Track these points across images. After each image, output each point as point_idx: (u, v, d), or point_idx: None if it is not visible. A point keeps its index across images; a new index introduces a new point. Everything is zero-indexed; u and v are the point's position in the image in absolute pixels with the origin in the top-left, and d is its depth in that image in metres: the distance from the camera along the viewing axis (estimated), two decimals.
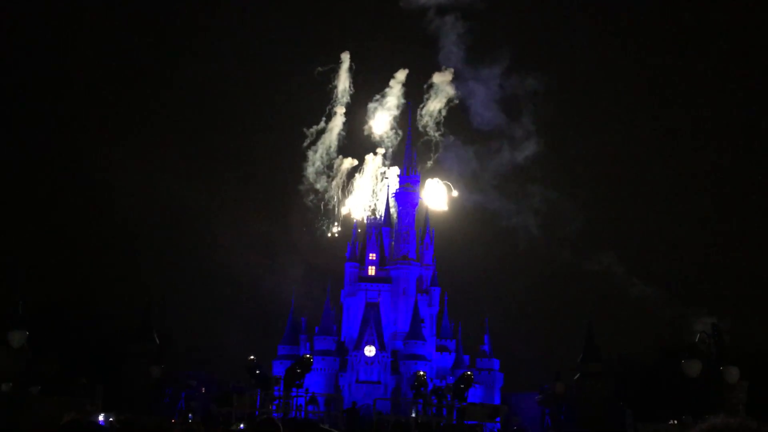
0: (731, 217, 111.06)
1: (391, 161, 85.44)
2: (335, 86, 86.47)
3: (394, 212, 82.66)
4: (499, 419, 44.39)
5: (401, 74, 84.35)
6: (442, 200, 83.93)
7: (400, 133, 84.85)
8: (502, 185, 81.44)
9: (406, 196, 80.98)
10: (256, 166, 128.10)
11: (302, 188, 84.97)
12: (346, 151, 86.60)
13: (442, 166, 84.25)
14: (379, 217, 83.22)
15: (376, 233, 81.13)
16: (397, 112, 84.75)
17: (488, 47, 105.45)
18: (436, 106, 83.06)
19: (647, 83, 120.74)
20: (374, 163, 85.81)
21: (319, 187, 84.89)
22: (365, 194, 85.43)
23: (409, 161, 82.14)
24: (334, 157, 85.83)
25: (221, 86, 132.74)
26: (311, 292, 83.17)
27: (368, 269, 79.67)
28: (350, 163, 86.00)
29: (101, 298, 59.22)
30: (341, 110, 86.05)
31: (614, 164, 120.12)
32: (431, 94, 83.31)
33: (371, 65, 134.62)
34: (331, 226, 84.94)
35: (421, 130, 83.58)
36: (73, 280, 60.93)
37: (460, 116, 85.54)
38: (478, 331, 78.35)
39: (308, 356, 44.70)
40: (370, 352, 71.72)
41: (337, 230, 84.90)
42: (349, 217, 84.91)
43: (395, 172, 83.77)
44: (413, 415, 46.05)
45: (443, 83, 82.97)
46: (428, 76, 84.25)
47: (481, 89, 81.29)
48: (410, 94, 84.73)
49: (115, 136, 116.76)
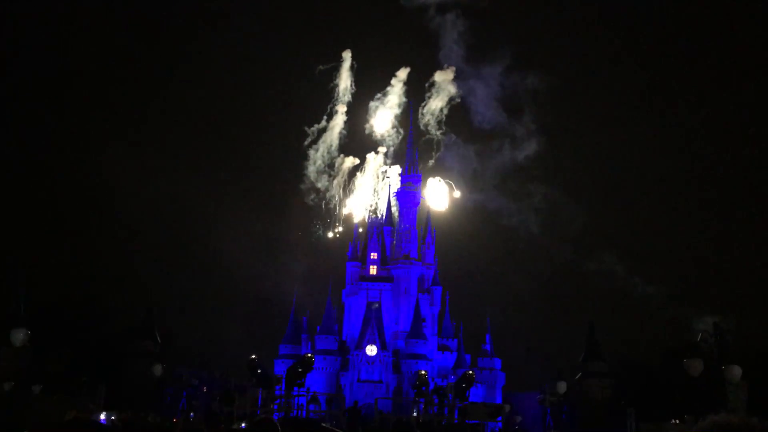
0: (733, 216, 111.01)
1: (392, 160, 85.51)
2: (337, 85, 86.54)
3: (395, 211, 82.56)
4: (500, 418, 44.35)
5: (403, 73, 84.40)
6: (443, 199, 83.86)
7: (401, 131, 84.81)
8: (503, 184, 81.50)
9: (407, 195, 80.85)
10: (257, 165, 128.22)
11: (303, 187, 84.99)
12: (347, 150, 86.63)
13: (443, 165, 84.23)
14: (380, 216, 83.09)
15: (377, 232, 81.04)
16: (398, 110, 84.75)
17: (489, 45, 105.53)
18: (437, 104, 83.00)
19: (648, 82, 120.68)
20: (375, 162, 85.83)
21: (320, 186, 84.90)
22: (366, 193, 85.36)
23: (410, 160, 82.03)
24: (335, 156, 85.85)
25: (222, 85, 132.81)
26: (313, 291, 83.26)
27: (370, 268, 79.64)
28: (351, 162, 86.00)
29: (103, 297, 59.25)
30: (342, 109, 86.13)
31: (615, 163, 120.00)
32: (433, 92, 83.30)
33: (373, 64, 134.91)
34: (332, 225, 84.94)
35: (422, 128, 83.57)
36: (74, 279, 60.99)
37: (461, 115, 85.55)
38: (479, 330, 78.41)
39: (310, 355, 44.62)
40: (371, 351, 71.66)
41: (338, 229, 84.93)
42: (350, 216, 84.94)
43: (396, 171, 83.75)
44: (415, 414, 46.06)
45: (445, 82, 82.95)
46: (430, 74, 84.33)
47: (482, 88, 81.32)
48: (412, 92, 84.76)
49: (116, 135, 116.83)
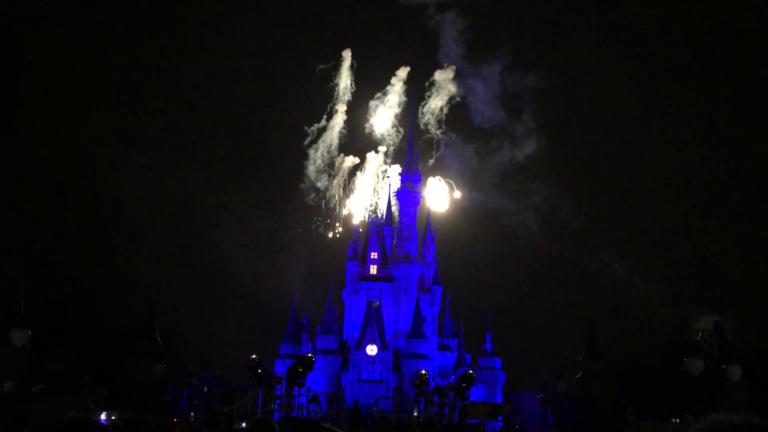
0: (734, 214, 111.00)
1: (392, 159, 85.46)
2: (336, 84, 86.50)
3: (395, 211, 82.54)
4: (501, 418, 44.38)
5: (402, 72, 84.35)
6: (443, 199, 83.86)
7: (401, 131, 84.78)
8: (502, 183, 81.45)
9: (407, 194, 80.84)
10: (257, 164, 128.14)
11: (303, 187, 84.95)
12: (347, 149, 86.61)
13: (443, 164, 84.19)
14: (380, 215, 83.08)
15: (377, 232, 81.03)
16: (398, 110, 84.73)
17: (489, 44, 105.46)
18: (437, 103, 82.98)
19: (648, 81, 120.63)
20: (375, 161, 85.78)
21: (320, 185, 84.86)
22: (366, 193, 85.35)
23: (410, 160, 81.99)
24: (335, 155, 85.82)
25: (223, 85, 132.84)
26: (313, 291, 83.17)
27: (370, 268, 79.65)
28: (351, 161, 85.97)
29: (104, 297, 59.23)
30: (342, 108, 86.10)
31: (615, 162, 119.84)
32: (432, 91, 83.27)
33: (372, 63, 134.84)
34: (332, 225, 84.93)
35: (422, 128, 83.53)
36: (75, 279, 60.93)
37: (461, 114, 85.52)
38: (480, 329, 78.46)
39: (310, 355, 44.74)
40: (372, 351, 71.68)
41: (338, 229, 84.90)
42: (350, 215, 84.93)
43: (396, 170, 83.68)
44: (415, 413, 46.07)
45: (444, 81, 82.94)
46: (429, 73, 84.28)
47: (481, 87, 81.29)
48: (411, 91, 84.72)
49: (117, 135, 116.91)
